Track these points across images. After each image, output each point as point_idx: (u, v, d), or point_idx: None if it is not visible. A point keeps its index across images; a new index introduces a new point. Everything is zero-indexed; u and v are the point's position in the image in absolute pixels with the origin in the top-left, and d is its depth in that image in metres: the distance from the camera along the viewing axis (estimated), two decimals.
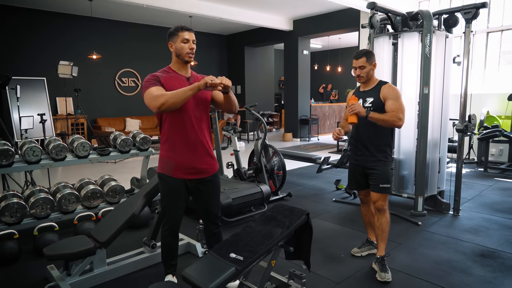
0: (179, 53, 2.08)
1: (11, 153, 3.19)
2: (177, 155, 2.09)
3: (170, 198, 2.17)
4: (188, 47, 2.06)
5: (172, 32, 2.09)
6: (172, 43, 2.08)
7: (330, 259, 2.87)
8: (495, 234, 3.32)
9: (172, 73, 2.12)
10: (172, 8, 7.22)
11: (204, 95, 2.14)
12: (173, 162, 2.10)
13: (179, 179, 2.11)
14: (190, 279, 1.72)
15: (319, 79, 15.00)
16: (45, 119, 4.99)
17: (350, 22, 8.41)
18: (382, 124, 2.47)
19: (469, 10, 3.59)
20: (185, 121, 2.06)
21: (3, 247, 2.76)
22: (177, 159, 2.09)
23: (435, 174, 4.00)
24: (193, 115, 2.08)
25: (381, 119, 2.45)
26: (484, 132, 5.97)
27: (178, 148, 2.09)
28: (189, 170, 2.11)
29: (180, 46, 2.06)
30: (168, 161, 2.12)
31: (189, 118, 2.07)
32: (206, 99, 2.16)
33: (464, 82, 3.73)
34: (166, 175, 2.12)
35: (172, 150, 2.10)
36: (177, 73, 2.12)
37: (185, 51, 2.06)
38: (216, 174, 2.25)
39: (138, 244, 2.93)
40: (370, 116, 2.45)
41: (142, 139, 4.01)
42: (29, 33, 7.91)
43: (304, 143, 9.90)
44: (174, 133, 2.09)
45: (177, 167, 2.10)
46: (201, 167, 2.14)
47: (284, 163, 4.55)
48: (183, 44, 2.05)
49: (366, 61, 2.54)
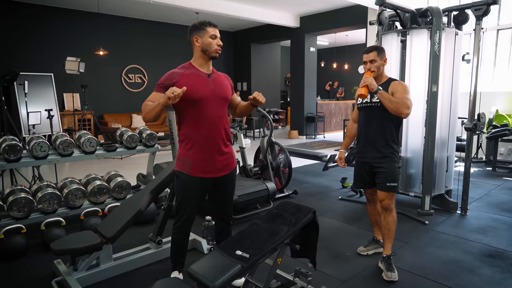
0: (206, 49, 2.04)
1: (19, 148, 3.21)
2: (195, 153, 2.08)
3: (185, 197, 2.15)
4: (216, 43, 2.04)
5: (197, 26, 2.04)
6: (198, 37, 2.04)
7: (336, 257, 2.86)
8: (504, 234, 3.28)
9: (193, 69, 2.09)
10: (179, 5, 7.21)
11: (224, 93, 2.11)
12: (190, 161, 2.08)
13: (196, 178, 2.09)
14: (196, 276, 1.71)
15: (325, 76, 14.91)
16: (53, 115, 5.01)
17: (358, 19, 8.34)
18: (388, 105, 2.42)
19: (480, 6, 3.53)
20: (203, 119, 2.05)
21: (11, 242, 2.78)
22: (194, 158, 2.08)
23: (442, 173, 3.96)
24: (211, 114, 2.06)
25: (389, 99, 2.42)
26: (493, 131, 5.90)
27: (196, 147, 2.07)
28: (206, 168, 2.09)
29: (208, 41, 2.03)
30: (185, 159, 2.10)
31: (207, 117, 2.05)
32: (225, 98, 2.13)
33: (474, 80, 3.67)
34: (183, 173, 2.10)
35: (190, 148, 2.09)
36: (198, 70, 2.09)
37: (214, 47, 2.04)
38: (232, 172, 2.23)
39: (144, 240, 2.94)
40: (380, 93, 2.44)
41: (149, 135, 4.02)
42: (36, 29, 7.95)
43: (310, 140, 9.87)
44: (192, 131, 2.07)
45: (195, 165, 2.08)
46: (219, 166, 2.13)
47: (290, 160, 4.53)
48: (211, 39, 2.03)
49: (377, 55, 2.53)
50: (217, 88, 2.09)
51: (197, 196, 2.15)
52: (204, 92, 2.04)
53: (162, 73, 2.14)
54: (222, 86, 2.12)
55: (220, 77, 2.15)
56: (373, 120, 2.58)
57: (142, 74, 9.82)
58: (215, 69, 2.19)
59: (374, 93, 2.48)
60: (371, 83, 2.43)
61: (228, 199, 2.29)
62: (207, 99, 2.03)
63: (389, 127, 2.56)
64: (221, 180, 2.18)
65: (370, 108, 2.59)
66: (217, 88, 2.08)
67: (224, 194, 2.26)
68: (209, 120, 2.05)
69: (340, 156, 2.88)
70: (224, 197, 2.27)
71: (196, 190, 2.13)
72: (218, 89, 2.09)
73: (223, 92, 2.11)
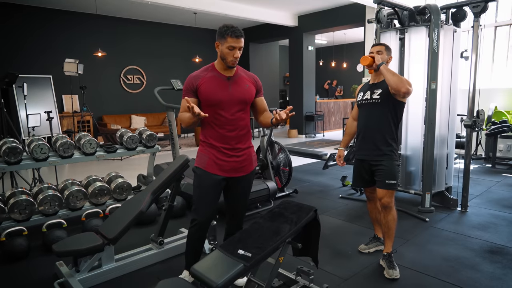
0: (223, 57, 2.05)
1: (19, 150, 3.21)
2: (211, 151, 2.12)
3: (200, 192, 2.16)
4: (232, 55, 2.02)
5: (221, 33, 2.01)
6: (219, 44, 2.04)
7: (338, 255, 2.87)
8: (504, 231, 3.29)
9: (214, 72, 2.11)
10: (176, 5, 7.21)
11: (242, 97, 2.10)
12: (207, 158, 2.12)
13: (210, 174, 2.11)
14: (199, 276, 1.72)
15: (324, 75, 14.92)
16: (52, 117, 5.01)
17: (356, 17, 8.35)
18: (390, 78, 2.41)
19: (478, 3, 3.54)
20: (219, 121, 2.08)
21: (12, 244, 2.79)
22: (210, 155, 2.12)
23: (442, 170, 3.97)
24: (227, 116, 2.08)
25: (391, 72, 2.44)
26: (492, 127, 5.91)
27: (213, 146, 2.12)
28: (220, 167, 2.11)
29: (225, 51, 2.02)
30: (203, 156, 2.15)
31: (224, 118, 2.07)
32: (243, 100, 2.12)
33: (473, 77, 3.68)
34: (199, 168, 2.14)
35: (208, 147, 2.14)
36: (219, 73, 2.10)
37: (229, 58, 2.03)
38: (248, 176, 2.23)
39: (146, 241, 2.94)
40: (383, 66, 2.46)
41: (149, 136, 4.02)
42: (34, 30, 7.94)
43: (309, 139, 9.87)
44: (210, 131, 2.12)
45: (210, 161, 2.11)
46: (234, 166, 2.14)
47: (290, 159, 4.54)
48: (229, 50, 2.01)
49: (385, 49, 2.58)
50: (236, 91, 2.09)
51: (211, 192, 2.14)
52: (222, 95, 2.06)
53: (160, 74, 2.16)
54: (242, 89, 2.11)
55: (242, 80, 2.14)
56: (373, 117, 2.59)
57: (141, 75, 9.81)
58: (241, 70, 2.19)
59: (377, 69, 2.50)
60: (375, 57, 2.49)
61: (240, 201, 2.29)
62: (224, 101, 2.05)
63: (389, 124, 2.57)
64: (236, 181, 2.18)
65: (370, 105, 2.60)
66: (235, 91, 2.09)
67: (237, 196, 2.26)
68: (225, 121, 2.08)
69: (339, 154, 2.89)
70: (237, 199, 2.27)
71: (209, 186, 2.13)
72: (236, 92, 2.09)
73: (241, 95, 2.10)
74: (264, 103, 2.26)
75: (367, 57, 2.53)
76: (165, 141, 8.90)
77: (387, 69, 2.47)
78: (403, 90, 2.38)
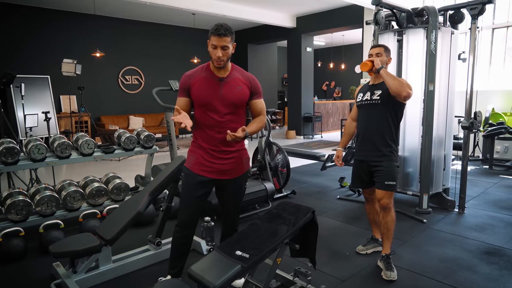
0: (210, 57, 2.01)
1: (17, 151, 3.20)
2: (199, 152, 2.11)
3: (185, 192, 2.15)
4: (215, 54, 1.95)
5: (210, 31, 1.96)
6: (208, 42, 1.99)
7: (335, 256, 2.87)
8: (501, 232, 3.30)
9: (208, 72, 2.08)
10: (175, 6, 7.21)
11: (233, 98, 2.05)
12: (194, 158, 2.12)
13: (196, 174, 2.10)
14: (196, 277, 1.71)
15: (322, 76, 14.94)
16: (50, 117, 5.00)
17: (354, 19, 8.36)
18: (390, 82, 2.42)
19: (475, 6, 3.56)
20: (209, 122, 2.06)
21: (9, 245, 2.77)
22: (198, 156, 2.11)
23: (440, 172, 3.98)
24: (217, 116, 2.04)
25: (392, 76, 2.45)
26: (489, 129, 5.92)
27: (201, 147, 2.11)
28: (207, 168, 2.10)
29: (210, 50, 1.98)
30: (191, 156, 2.15)
31: (213, 120, 2.05)
32: (233, 103, 2.06)
33: (470, 79, 3.70)
34: (187, 168, 2.15)
35: (196, 147, 2.14)
36: (212, 73, 2.07)
37: (213, 57, 1.98)
38: (239, 178, 2.19)
39: (143, 242, 2.93)
40: (383, 70, 2.47)
41: (146, 137, 4.01)
42: (32, 31, 7.92)
43: (307, 140, 9.88)
44: (200, 132, 2.12)
45: (196, 163, 2.11)
46: (222, 168, 2.11)
47: (288, 160, 4.54)
48: (212, 49, 1.96)
49: (384, 51, 2.59)
50: (227, 93, 2.05)
51: (195, 193, 2.12)
52: (212, 97, 2.03)
53: (159, 74, 2.16)
54: (234, 91, 2.06)
55: (235, 81, 2.08)
56: (373, 118, 2.59)
57: (139, 75, 9.80)
58: (238, 71, 2.14)
59: (377, 72, 2.51)
60: (375, 60, 2.50)
61: (231, 204, 2.28)
62: (214, 103, 2.02)
63: (389, 125, 2.57)
64: (225, 183, 2.17)
65: (370, 105, 2.60)
66: (226, 94, 2.04)
67: (228, 198, 2.25)
68: (215, 123, 2.05)
69: (338, 154, 2.89)
70: (227, 201, 2.26)
71: (195, 186, 2.11)
72: (227, 94, 2.04)
73: (232, 97, 2.05)
74: (258, 106, 2.17)
75: (367, 63, 2.53)
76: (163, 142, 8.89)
77: (387, 73, 2.47)
78: (404, 94, 2.40)
